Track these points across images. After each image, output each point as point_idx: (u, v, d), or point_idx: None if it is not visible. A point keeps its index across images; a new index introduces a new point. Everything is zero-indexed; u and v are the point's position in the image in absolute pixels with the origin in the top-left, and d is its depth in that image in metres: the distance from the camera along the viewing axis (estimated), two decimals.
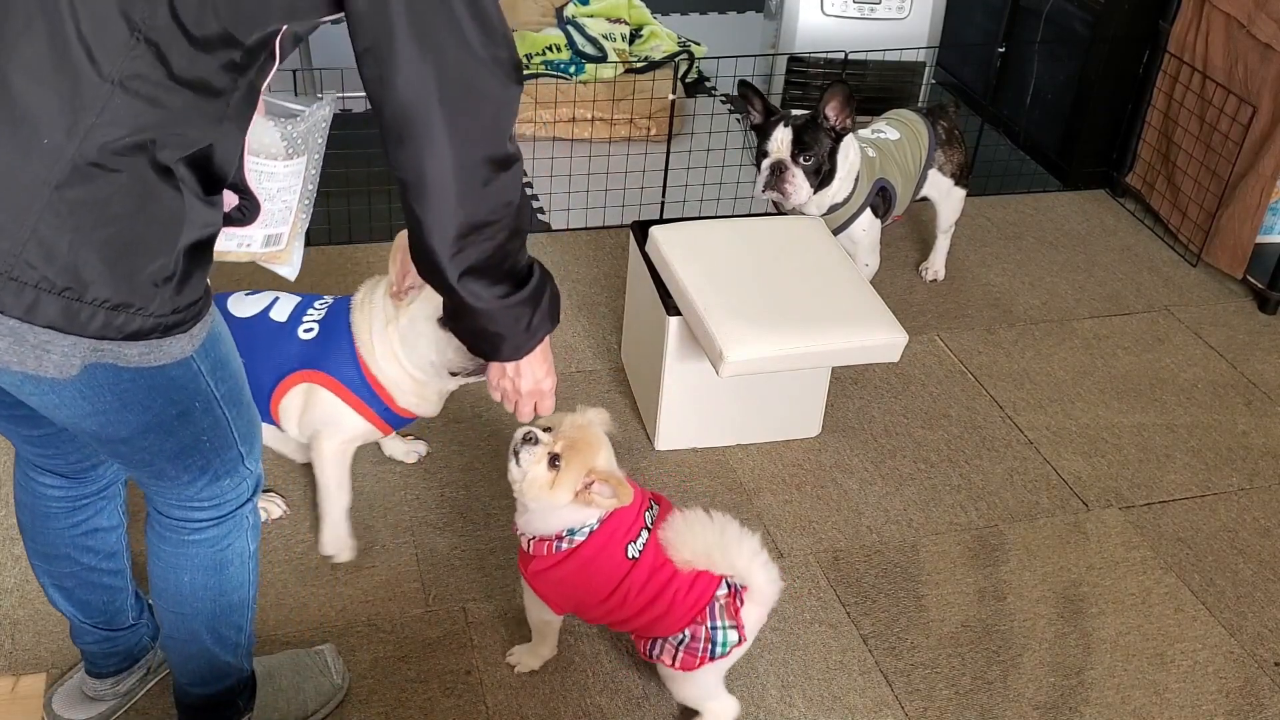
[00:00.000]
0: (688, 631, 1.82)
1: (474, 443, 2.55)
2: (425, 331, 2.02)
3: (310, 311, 2.15)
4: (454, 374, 2.07)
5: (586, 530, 1.83)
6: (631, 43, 4.11)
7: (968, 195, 3.15)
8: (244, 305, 2.15)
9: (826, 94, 2.66)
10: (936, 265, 3.25)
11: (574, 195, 3.47)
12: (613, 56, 3.93)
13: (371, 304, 2.10)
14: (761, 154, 2.73)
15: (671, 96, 3.43)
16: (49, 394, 1.36)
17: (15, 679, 1.98)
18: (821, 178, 2.70)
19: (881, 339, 2.36)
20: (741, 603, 1.82)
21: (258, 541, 1.71)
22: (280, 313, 2.14)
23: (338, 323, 2.12)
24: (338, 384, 2.10)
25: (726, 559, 1.78)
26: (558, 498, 1.79)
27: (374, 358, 2.08)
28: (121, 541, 1.80)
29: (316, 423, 2.14)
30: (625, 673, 2.06)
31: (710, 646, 1.82)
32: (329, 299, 2.19)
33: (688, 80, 4.19)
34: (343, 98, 3.87)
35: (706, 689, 1.92)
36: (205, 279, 1.38)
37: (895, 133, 2.95)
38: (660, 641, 1.86)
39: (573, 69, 3.83)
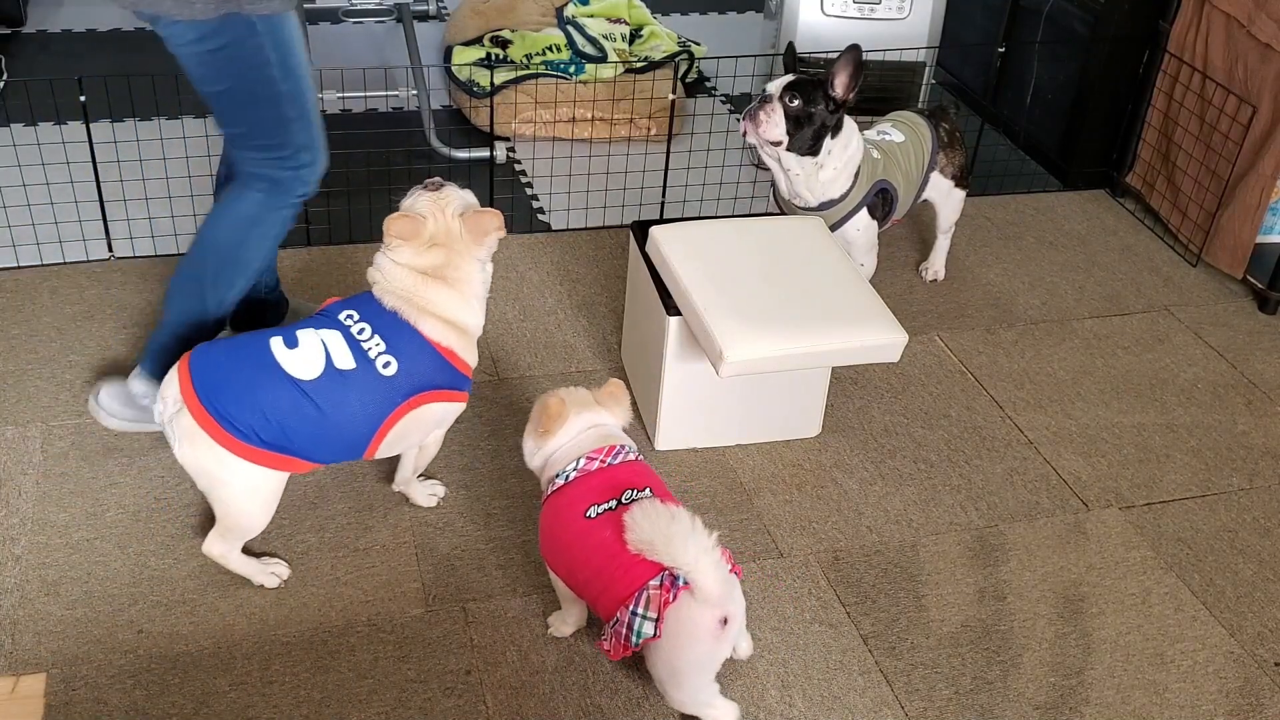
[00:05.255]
0: (618, 614, 1.83)
1: (474, 443, 2.55)
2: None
3: (365, 344, 2.08)
4: None
5: (562, 480, 1.97)
6: (631, 43, 4.11)
7: (968, 195, 3.15)
8: (300, 364, 2.04)
9: (839, 61, 2.65)
10: (936, 265, 3.25)
11: (574, 195, 3.47)
12: (613, 56, 3.93)
13: (440, 302, 2.12)
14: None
15: (671, 96, 3.43)
16: (182, 40, 2.09)
17: (15, 679, 1.99)
18: (805, 139, 2.68)
19: (881, 339, 2.36)
20: (674, 598, 1.79)
21: (283, 235, 2.38)
22: (343, 359, 2.06)
23: (410, 342, 2.10)
24: (448, 393, 2.16)
25: (670, 551, 1.75)
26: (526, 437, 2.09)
27: (464, 336, 2.17)
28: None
29: (432, 428, 2.23)
30: (625, 673, 2.06)
31: (628, 634, 1.82)
32: (355, 320, 2.11)
33: (688, 80, 4.19)
34: (343, 98, 3.87)
35: (695, 695, 1.91)
36: None
37: (900, 135, 2.95)
38: (605, 628, 1.88)
39: (573, 69, 3.83)
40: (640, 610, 1.81)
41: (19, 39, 4.32)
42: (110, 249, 3.10)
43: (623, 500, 1.91)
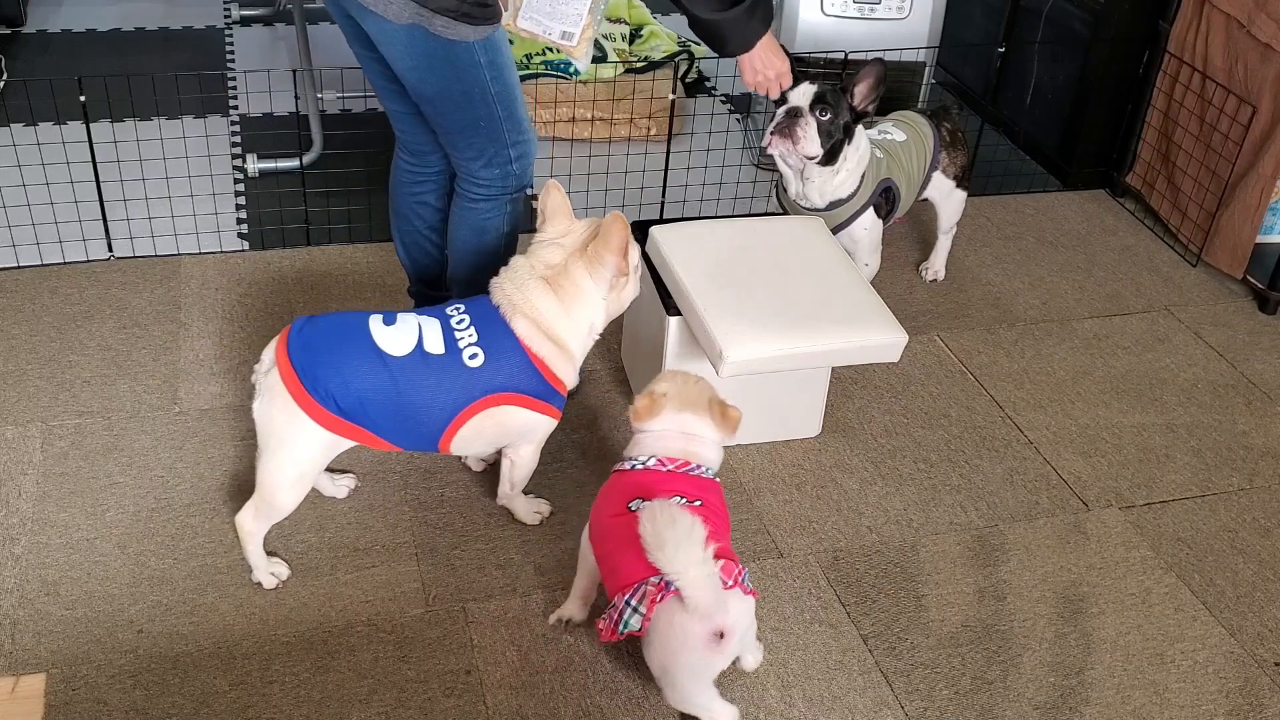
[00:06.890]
0: (616, 600, 1.85)
1: None
2: (634, 288, 2.26)
3: (459, 334, 2.11)
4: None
5: (630, 464, 2.03)
6: (631, 43, 4.11)
7: (968, 196, 3.15)
8: (393, 340, 2.07)
9: (862, 71, 2.65)
10: (937, 265, 3.25)
11: (574, 195, 3.46)
12: (613, 56, 3.93)
13: (537, 304, 2.12)
14: (780, 102, 2.71)
15: (671, 96, 3.43)
16: (391, 40, 2.15)
17: (15, 679, 1.99)
18: (832, 146, 2.69)
19: (881, 339, 2.36)
20: (661, 598, 1.80)
21: (511, 226, 2.46)
22: (434, 343, 2.08)
23: (501, 339, 2.11)
24: (530, 399, 2.13)
25: (662, 556, 1.76)
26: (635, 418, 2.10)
27: (561, 351, 2.15)
28: (441, 222, 2.57)
29: (513, 436, 2.20)
30: (625, 673, 2.06)
31: (618, 620, 1.84)
32: (460, 311, 2.14)
33: (688, 80, 4.19)
34: (343, 98, 3.87)
35: (691, 698, 1.91)
36: None
37: (902, 134, 2.95)
38: (607, 607, 1.90)
39: (573, 69, 3.83)
40: (634, 602, 1.82)
41: (19, 39, 4.32)
42: (110, 249, 3.10)
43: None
